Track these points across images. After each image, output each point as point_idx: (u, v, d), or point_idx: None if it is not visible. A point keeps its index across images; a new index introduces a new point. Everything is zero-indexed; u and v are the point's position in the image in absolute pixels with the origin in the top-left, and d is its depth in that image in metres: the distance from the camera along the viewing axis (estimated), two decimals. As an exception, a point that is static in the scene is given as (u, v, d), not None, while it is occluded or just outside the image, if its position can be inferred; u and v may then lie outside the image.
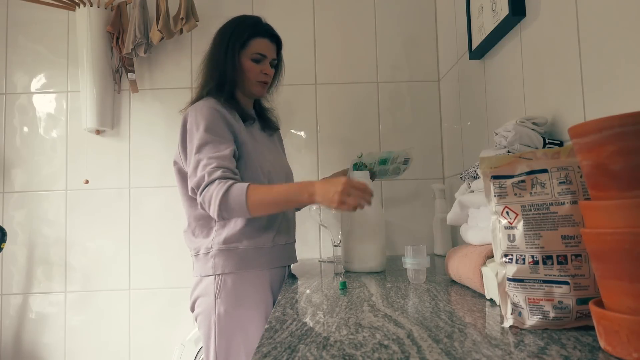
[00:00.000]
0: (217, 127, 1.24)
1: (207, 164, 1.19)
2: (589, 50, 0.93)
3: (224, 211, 1.15)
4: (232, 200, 1.14)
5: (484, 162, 0.70)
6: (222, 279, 1.25)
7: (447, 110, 1.98)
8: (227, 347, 1.23)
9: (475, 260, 0.93)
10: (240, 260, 1.27)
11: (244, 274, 1.26)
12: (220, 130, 1.24)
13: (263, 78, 1.36)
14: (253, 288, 1.26)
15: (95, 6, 1.98)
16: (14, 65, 2.07)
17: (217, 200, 1.14)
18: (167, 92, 2.07)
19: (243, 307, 1.24)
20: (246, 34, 1.32)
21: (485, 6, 1.39)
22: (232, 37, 1.32)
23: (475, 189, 1.12)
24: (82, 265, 2.00)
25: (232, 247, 1.27)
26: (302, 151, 2.06)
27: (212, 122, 1.24)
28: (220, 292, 1.24)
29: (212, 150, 1.21)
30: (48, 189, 2.03)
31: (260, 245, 1.29)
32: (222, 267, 1.26)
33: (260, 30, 1.34)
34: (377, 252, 1.36)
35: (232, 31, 1.33)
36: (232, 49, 1.31)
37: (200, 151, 1.21)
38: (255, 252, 1.29)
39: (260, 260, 1.29)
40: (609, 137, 0.49)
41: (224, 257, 1.26)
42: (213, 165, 1.18)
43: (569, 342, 0.57)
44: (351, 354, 0.56)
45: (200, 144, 1.22)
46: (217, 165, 1.18)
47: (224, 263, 1.26)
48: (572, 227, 0.62)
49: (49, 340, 1.98)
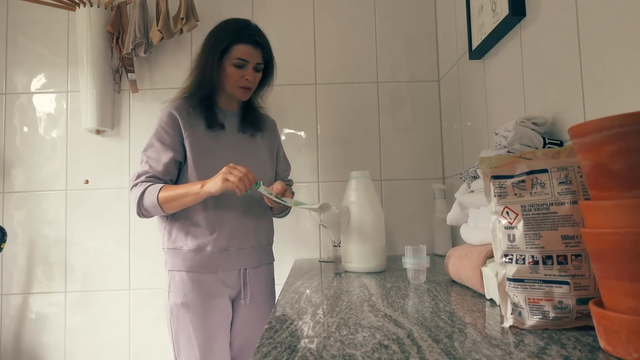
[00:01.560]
0: (167, 133, 1.35)
1: (142, 165, 1.35)
2: (589, 50, 0.93)
3: (143, 211, 1.31)
4: (147, 201, 1.28)
5: (484, 162, 0.70)
6: (172, 274, 1.36)
7: (447, 110, 1.98)
8: (178, 337, 1.33)
9: (475, 260, 0.93)
10: (184, 261, 1.34)
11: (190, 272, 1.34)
12: (168, 138, 1.35)
13: (244, 83, 1.38)
14: (200, 285, 1.34)
15: (95, 6, 1.98)
16: (14, 65, 2.07)
17: (136, 200, 1.30)
18: (167, 92, 2.06)
19: (189, 301, 1.32)
20: (227, 39, 1.35)
21: (485, 6, 1.39)
22: (215, 42, 1.36)
23: (475, 189, 1.12)
24: (82, 265, 2.00)
25: (177, 247, 1.36)
26: (302, 151, 2.06)
27: (164, 127, 1.35)
28: (171, 285, 1.35)
29: (153, 154, 1.34)
30: (48, 189, 2.03)
31: (201, 248, 1.35)
32: (171, 264, 1.36)
33: (242, 36, 1.35)
34: (377, 252, 1.36)
35: (215, 36, 1.38)
36: (213, 53, 1.36)
37: (145, 150, 1.36)
38: (199, 254, 1.35)
39: (204, 263, 1.35)
40: (609, 137, 0.49)
41: (172, 255, 1.36)
42: (142, 171, 1.34)
43: (569, 342, 0.57)
44: (351, 354, 0.56)
45: (147, 144, 1.37)
46: (147, 171, 1.33)
47: (172, 261, 1.36)
48: (572, 227, 0.62)
49: (49, 340, 1.98)
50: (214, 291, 1.35)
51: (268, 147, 1.53)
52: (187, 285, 1.33)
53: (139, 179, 1.33)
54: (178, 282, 1.34)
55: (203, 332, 1.31)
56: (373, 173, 2.02)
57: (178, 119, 1.36)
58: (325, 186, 2.04)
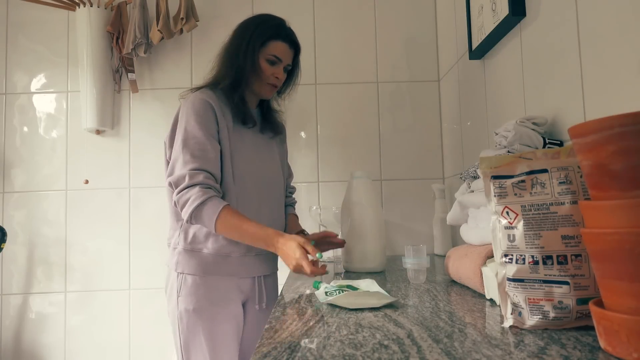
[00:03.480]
0: (208, 123, 1.22)
1: (188, 161, 1.16)
2: (589, 50, 0.93)
3: (194, 220, 1.16)
4: (204, 216, 1.13)
5: (484, 162, 0.70)
6: (183, 277, 1.23)
7: (447, 110, 1.98)
8: (188, 345, 1.22)
9: (475, 260, 0.93)
10: (201, 265, 1.23)
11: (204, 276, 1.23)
12: (210, 129, 1.22)
13: (273, 81, 1.33)
14: (215, 290, 1.23)
15: (95, 6, 1.98)
16: (14, 65, 2.07)
17: (190, 209, 1.13)
18: (167, 92, 2.07)
19: (202, 307, 1.21)
20: (268, 34, 1.29)
21: (485, 6, 1.39)
22: (254, 35, 1.29)
23: (475, 189, 1.12)
24: (82, 265, 2.00)
25: (196, 249, 1.24)
26: (302, 151, 2.06)
27: (203, 117, 1.21)
28: (181, 290, 1.23)
29: (197, 149, 1.18)
30: (48, 189, 2.03)
31: (227, 253, 1.24)
32: (183, 266, 1.24)
33: (281, 33, 1.31)
34: (377, 252, 1.36)
35: (254, 28, 1.30)
36: (252, 46, 1.28)
37: (186, 145, 1.19)
38: (220, 259, 1.24)
39: (223, 268, 1.25)
40: (609, 137, 0.49)
41: (187, 257, 1.24)
42: (196, 167, 1.16)
43: (569, 342, 0.57)
44: (351, 354, 0.56)
45: (187, 137, 1.19)
46: (200, 168, 1.16)
47: (186, 263, 1.24)
48: (572, 227, 0.62)
49: (49, 340, 1.98)
50: (227, 296, 1.25)
51: (280, 154, 1.47)
52: (201, 290, 1.22)
53: (194, 179, 1.14)
54: (190, 287, 1.22)
55: (215, 341, 1.22)
56: (373, 173, 2.02)
57: (214, 109, 1.24)
58: (325, 186, 2.04)
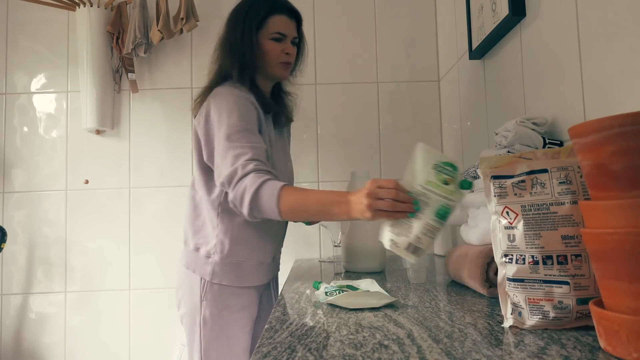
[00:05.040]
0: (248, 114, 1.12)
1: (240, 154, 1.05)
2: (589, 50, 0.93)
3: (255, 211, 1.03)
4: (263, 200, 1.00)
5: (484, 162, 0.70)
6: (210, 284, 1.18)
7: (447, 110, 1.98)
8: (210, 350, 1.18)
9: (475, 260, 0.93)
10: (240, 275, 1.19)
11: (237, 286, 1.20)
12: (251, 119, 1.12)
13: (286, 58, 1.22)
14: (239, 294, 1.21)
15: (95, 6, 1.98)
16: (14, 65, 2.07)
17: (247, 198, 1.01)
18: (167, 92, 2.07)
19: (228, 311, 1.18)
20: (262, 11, 1.20)
21: (485, 6, 1.39)
22: (248, 17, 1.20)
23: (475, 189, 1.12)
24: (82, 265, 2.00)
25: (235, 262, 1.18)
26: (302, 151, 2.06)
27: (242, 108, 1.12)
28: (207, 294, 1.17)
29: (244, 140, 1.07)
30: (48, 189, 2.03)
31: (261, 261, 1.23)
32: (221, 277, 1.18)
33: (277, 5, 1.22)
34: (377, 252, 1.36)
35: (247, 10, 1.21)
36: (248, 29, 1.19)
37: (231, 139, 1.07)
38: (257, 267, 1.22)
39: (258, 275, 1.23)
40: (609, 137, 0.49)
41: (225, 269, 1.18)
42: (247, 157, 1.04)
43: (569, 342, 0.57)
44: (351, 354, 0.56)
45: (230, 132, 1.08)
46: (251, 157, 1.05)
47: (222, 274, 1.18)
48: (572, 227, 0.62)
49: (49, 340, 1.98)
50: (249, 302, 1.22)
51: (289, 145, 1.42)
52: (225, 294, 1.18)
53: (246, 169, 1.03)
54: (217, 292, 1.17)
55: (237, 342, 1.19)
56: (373, 173, 2.02)
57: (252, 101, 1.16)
58: (325, 186, 2.04)
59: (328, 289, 0.92)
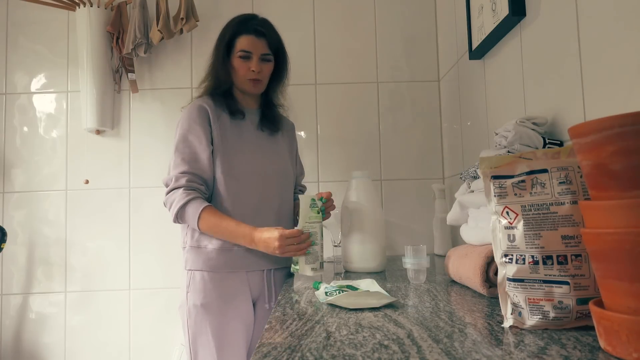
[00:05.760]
0: (200, 126, 1.31)
1: (177, 164, 1.28)
2: (589, 50, 0.93)
3: (180, 220, 1.27)
4: (187, 217, 1.24)
5: (484, 162, 0.70)
6: (192, 274, 1.30)
7: (447, 110, 1.98)
8: (195, 341, 1.27)
9: (475, 260, 0.93)
10: (207, 260, 1.29)
11: (212, 272, 1.29)
12: (201, 132, 1.30)
13: (251, 75, 1.35)
14: (223, 287, 1.29)
15: (95, 6, 1.98)
16: (14, 65, 2.07)
17: (174, 210, 1.24)
18: (167, 92, 2.07)
19: (210, 303, 1.27)
20: (229, 33, 1.35)
21: (485, 6, 1.39)
22: (220, 38, 1.38)
23: (475, 189, 1.12)
24: (82, 265, 2.00)
25: (202, 246, 1.31)
26: (302, 151, 2.06)
27: (195, 121, 1.31)
28: (190, 286, 1.30)
29: (187, 152, 1.29)
30: (48, 189, 2.03)
31: (229, 248, 1.29)
32: (192, 264, 1.31)
33: (243, 28, 1.34)
34: (377, 252, 1.36)
35: (222, 34, 1.38)
36: (220, 50, 1.36)
37: (177, 149, 1.30)
38: (223, 253, 1.29)
39: (228, 263, 1.29)
40: (609, 137, 0.49)
41: (194, 254, 1.31)
42: (183, 170, 1.27)
43: (569, 342, 0.57)
44: (351, 354, 0.56)
45: (177, 142, 1.31)
46: (186, 171, 1.27)
47: (193, 260, 1.31)
48: (572, 227, 0.62)
49: (49, 340, 1.98)
50: (236, 293, 1.29)
51: (288, 149, 1.49)
52: (208, 286, 1.27)
53: (179, 182, 1.26)
54: (198, 282, 1.28)
55: (221, 336, 1.26)
56: (373, 173, 2.02)
57: (208, 111, 1.33)
58: (325, 186, 2.04)
59: (328, 289, 0.93)
